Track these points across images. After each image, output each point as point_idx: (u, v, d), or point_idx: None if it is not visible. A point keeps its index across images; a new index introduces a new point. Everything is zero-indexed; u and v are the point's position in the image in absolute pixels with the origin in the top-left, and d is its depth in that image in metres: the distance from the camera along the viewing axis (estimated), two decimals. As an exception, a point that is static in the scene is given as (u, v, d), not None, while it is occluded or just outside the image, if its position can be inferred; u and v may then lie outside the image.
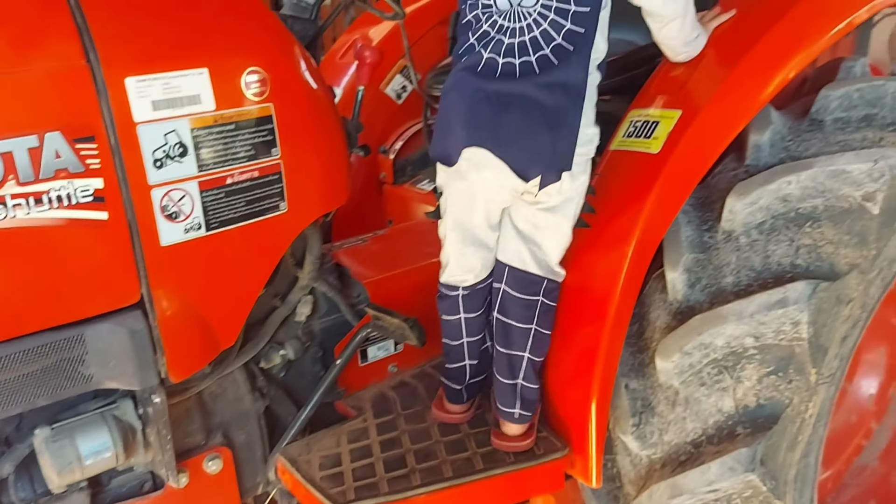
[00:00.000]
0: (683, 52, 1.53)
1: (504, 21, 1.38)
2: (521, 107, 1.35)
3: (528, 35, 1.36)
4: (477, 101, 1.36)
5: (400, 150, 2.43)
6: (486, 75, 1.36)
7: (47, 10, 1.14)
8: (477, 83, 1.36)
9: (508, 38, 1.37)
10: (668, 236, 1.47)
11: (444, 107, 1.42)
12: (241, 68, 1.27)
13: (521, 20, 1.37)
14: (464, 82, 1.38)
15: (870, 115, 1.53)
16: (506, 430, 1.53)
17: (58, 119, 1.11)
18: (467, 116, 1.37)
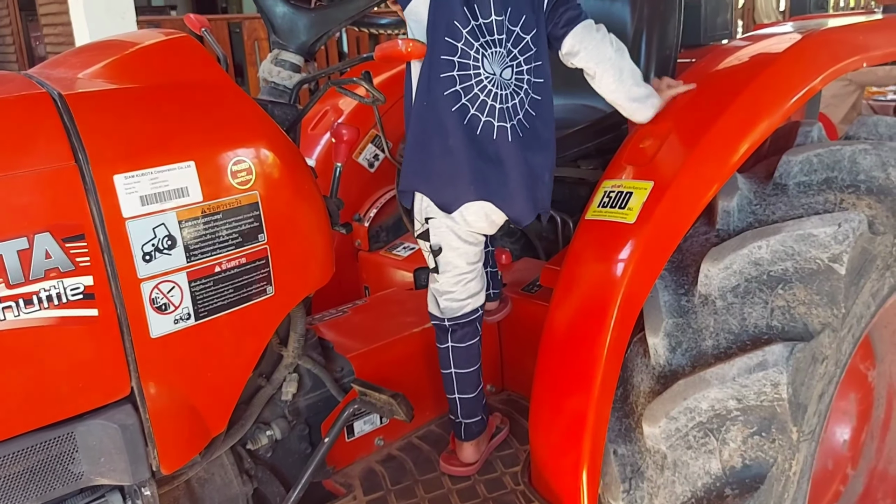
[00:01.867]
0: (632, 108, 1.65)
1: (492, 87, 1.58)
2: (516, 166, 1.60)
3: (509, 102, 1.60)
4: (482, 162, 1.59)
5: (374, 218, 2.46)
6: (485, 139, 1.58)
7: (35, 112, 1.15)
8: (478, 146, 1.58)
9: (499, 104, 1.59)
10: (647, 302, 1.51)
11: (443, 164, 1.60)
12: (228, 159, 1.30)
13: (504, 88, 1.59)
14: (464, 144, 1.57)
15: (829, 178, 1.60)
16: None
17: (47, 220, 1.12)
18: (473, 175, 1.59)
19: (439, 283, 1.73)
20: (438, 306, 1.75)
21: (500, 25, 1.59)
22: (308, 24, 1.62)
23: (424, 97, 1.60)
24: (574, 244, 1.59)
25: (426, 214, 1.69)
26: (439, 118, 1.59)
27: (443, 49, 1.57)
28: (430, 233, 1.70)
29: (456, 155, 1.59)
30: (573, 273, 1.56)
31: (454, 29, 1.56)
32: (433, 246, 1.70)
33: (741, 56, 1.71)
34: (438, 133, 1.60)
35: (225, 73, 1.43)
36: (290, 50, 1.62)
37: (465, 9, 1.56)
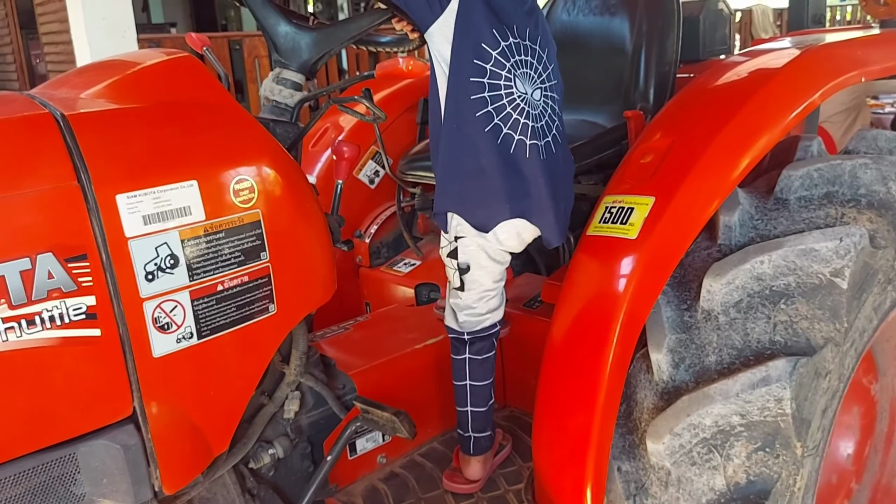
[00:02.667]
0: None
1: (525, 105, 1.60)
2: (548, 184, 1.64)
3: (540, 121, 1.64)
4: (517, 180, 1.61)
5: (375, 234, 2.46)
6: (518, 157, 1.60)
7: (38, 132, 1.15)
8: (512, 165, 1.60)
9: (532, 123, 1.62)
10: (650, 318, 1.51)
11: (478, 184, 1.61)
12: (230, 178, 1.30)
13: (534, 108, 1.63)
14: (498, 163, 1.59)
15: (830, 192, 1.61)
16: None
17: (50, 240, 1.12)
18: (508, 194, 1.61)
19: (462, 300, 1.74)
20: (457, 320, 1.76)
21: (525, 47, 1.62)
22: (310, 44, 1.62)
23: (454, 120, 1.60)
24: (575, 260, 1.59)
25: (456, 234, 1.69)
26: (471, 139, 1.59)
27: (472, 71, 1.57)
28: (458, 251, 1.70)
29: (490, 174, 1.60)
30: (575, 289, 1.56)
31: (482, 51, 1.56)
32: (461, 264, 1.71)
33: (740, 71, 1.72)
34: (471, 154, 1.60)
35: (226, 91, 1.44)
36: (291, 68, 1.63)
37: (494, 31, 1.57)
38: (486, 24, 1.56)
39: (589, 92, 2.28)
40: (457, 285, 1.73)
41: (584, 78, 2.27)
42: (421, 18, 1.59)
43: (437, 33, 1.59)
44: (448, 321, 1.79)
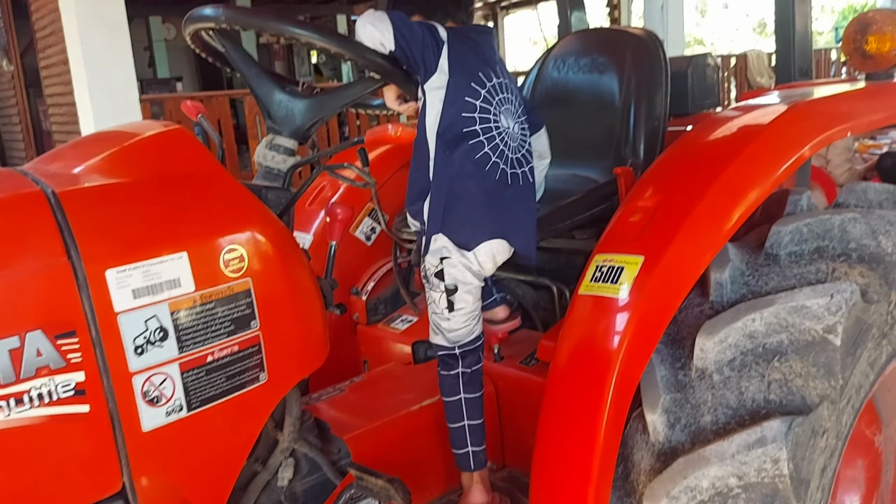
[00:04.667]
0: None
1: (509, 139, 1.76)
2: (527, 207, 1.80)
3: (519, 152, 1.79)
4: (498, 203, 1.74)
5: (372, 291, 2.46)
6: (501, 184, 1.74)
7: (29, 211, 1.17)
8: (497, 190, 1.73)
9: (513, 154, 1.77)
10: (644, 377, 1.50)
11: (464, 206, 1.73)
12: (220, 248, 1.31)
13: (514, 140, 1.79)
14: (484, 188, 1.72)
15: (820, 247, 1.61)
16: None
17: (39, 317, 1.12)
18: (492, 215, 1.74)
19: (451, 322, 1.80)
20: (446, 338, 1.82)
21: (505, 85, 1.80)
22: (303, 110, 1.65)
23: (446, 149, 1.72)
24: (568, 319, 1.59)
25: (441, 255, 1.77)
26: (462, 166, 1.72)
27: (465, 107, 1.72)
28: (444, 272, 1.77)
29: (476, 198, 1.73)
30: (568, 349, 1.56)
31: (473, 90, 1.73)
32: (448, 286, 1.77)
33: (728, 128, 1.74)
34: (461, 179, 1.72)
35: (218, 162, 1.46)
36: (284, 134, 1.65)
37: (481, 73, 1.75)
38: (474, 68, 1.74)
39: (580, 146, 2.30)
40: (444, 306, 1.79)
41: (575, 132, 2.30)
42: (420, 77, 1.71)
43: (433, 85, 1.72)
44: (435, 340, 1.84)
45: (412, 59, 1.68)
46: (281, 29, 1.58)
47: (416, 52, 1.67)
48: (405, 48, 1.65)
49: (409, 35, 1.66)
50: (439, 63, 1.70)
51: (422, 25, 1.69)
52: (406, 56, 1.67)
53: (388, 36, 1.64)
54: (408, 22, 1.67)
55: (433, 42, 1.70)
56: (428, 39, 1.69)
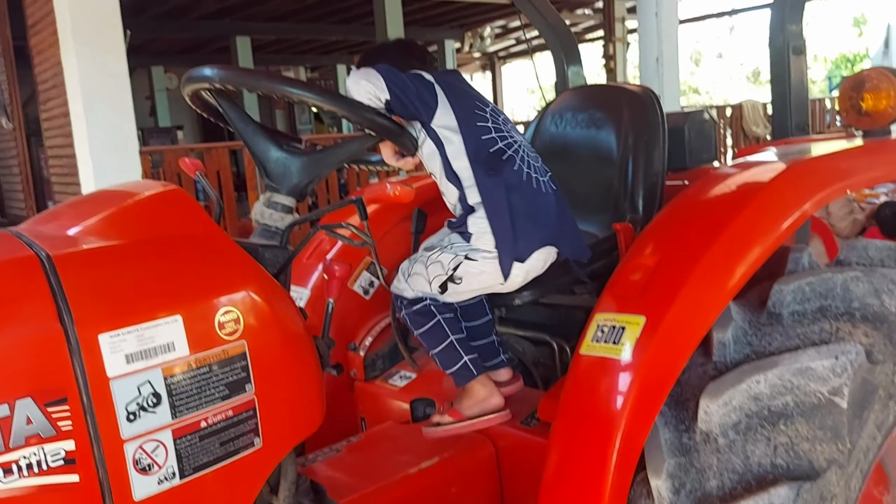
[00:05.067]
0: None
1: (526, 149, 1.84)
2: (564, 211, 1.85)
3: (539, 161, 1.86)
4: (546, 210, 1.80)
5: (370, 346, 2.43)
6: (539, 191, 1.80)
7: (22, 276, 1.15)
8: (541, 198, 1.79)
9: (536, 163, 1.83)
10: (648, 440, 1.47)
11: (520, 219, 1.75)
12: (215, 310, 1.29)
13: (531, 151, 1.87)
14: (532, 197, 1.78)
15: (823, 306, 1.59)
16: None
17: (30, 384, 1.10)
18: (541, 223, 1.79)
19: (431, 294, 1.84)
20: (413, 291, 1.86)
21: (499, 111, 1.89)
22: (300, 168, 1.65)
23: (487, 171, 1.76)
24: (570, 380, 1.56)
25: (469, 255, 1.78)
26: (508, 182, 1.76)
27: (482, 131, 1.78)
28: (461, 266, 1.78)
29: (525, 207, 1.77)
30: (570, 411, 1.53)
31: (479, 115, 1.80)
32: (456, 277, 1.79)
33: (727, 185, 1.74)
34: (507, 193, 1.76)
35: (214, 222, 1.45)
36: (282, 192, 1.65)
37: (477, 101, 1.84)
38: (468, 97, 1.83)
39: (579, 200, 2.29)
40: (437, 284, 1.81)
41: (574, 187, 2.29)
42: (423, 118, 1.76)
43: (439, 121, 1.76)
44: (409, 294, 1.86)
45: (410, 104, 1.72)
46: (275, 88, 1.59)
47: (412, 96, 1.72)
48: (400, 95, 1.69)
49: (401, 82, 1.70)
50: (438, 99, 1.76)
51: (406, 73, 1.75)
52: (403, 102, 1.70)
53: (380, 85, 1.67)
54: (395, 70, 1.71)
55: (423, 84, 1.76)
56: (417, 83, 1.74)
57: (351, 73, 1.71)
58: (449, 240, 1.83)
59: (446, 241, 1.83)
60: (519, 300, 1.91)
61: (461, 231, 1.80)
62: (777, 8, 2.22)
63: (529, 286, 1.88)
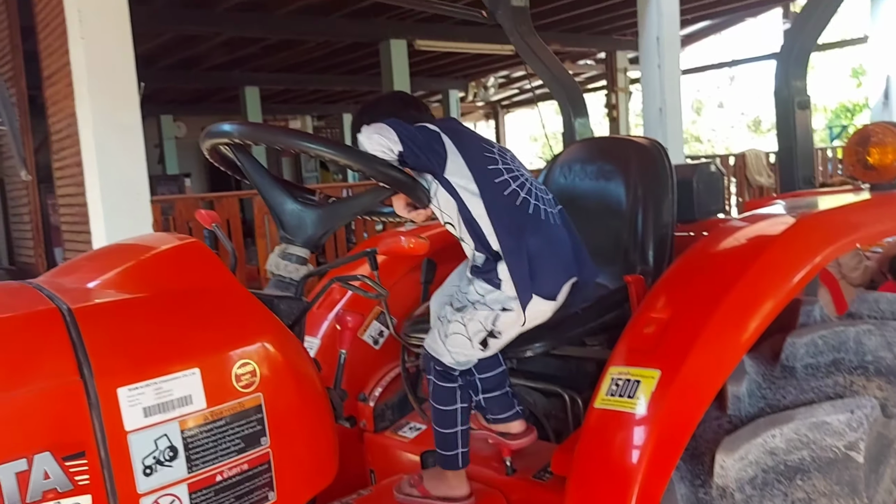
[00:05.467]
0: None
1: (534, 184, 1.85)
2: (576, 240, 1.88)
3: (548, 194, 1.88)
4: (563, 243, 1.83)
5: (379, 396, 2.42)
6: (554, 225, 1.83)
7: (44, 329, 1.16)
8: (555, 232, 1.83)
9: (545, 196, 1.86)
10: (664, 496, 1.45)
11: (542, 258, 1.77)
12: (232, 362, 1.30)
13: (538, 183, 1.89)
14: (549, 235, 1.81)
15: (837, 359, 1.60)
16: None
17: (48, 438, 1.10)
18: (562, 257, 1.81)
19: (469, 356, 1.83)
20: (453, 358, 1.83)
21: (505, 150, 1.90)
22: (315, 220, 1.67)
23: (504, 216, 1.77)
24: (585, 434, 1.56)
25: (504, 306, 1.77)
26: (524, 224, 1.78)
27: (494, 174, 1.79)
28: (499, 319, 1.78)
29: (546, 245, 1.79)
30: (586, 465, 1.52)
31: (488, 158, 1.82)
32: (496, 331, 1.79)
33: (739, 238, 1.75)
34: (530, 234, 1.77)
35: (231, 274, 1.46)
36: (297, 244, 1.67)
37: (480, 143, 1.87)
38: (474, 140, 1.85)
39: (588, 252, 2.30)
40: (478, 341, 1.80)
41: (583, 238, 2.29)
42: (436, 169, 1.77)
43: (452, 169, 1.78)
44: (447, 359, 1.84)
45: (422, 155, 1.74)
46: (293, 143, 1.63)
47: (424, 146, 1.74)
48: (412, 146, 1.71)
49: (411, 134, 1.73)
50: (447, 148, 1.77)
51: (414, 126, 1.78)
52: (415, 153, 1.72)
53: (393, 138, 1.70)
54: (404, 124, 1.75)
55: (430, 135, 1.78)
56: (426, 133, 1.77)
57: (363, 129, 1.73)
58: (475, 290, 1.81)
59: (472, 291, 1.82)
60: (531, 351, 1.91)
61: (488, 278, 1.79)
62: (781, 63, 2.27)
63: (541, 337, 1.89)
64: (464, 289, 1.85)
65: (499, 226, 1.77)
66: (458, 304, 1.84)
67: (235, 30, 9.09)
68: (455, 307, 1.84)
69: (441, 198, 1.81)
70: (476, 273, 1.83)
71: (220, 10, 8.40)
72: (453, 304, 1.86)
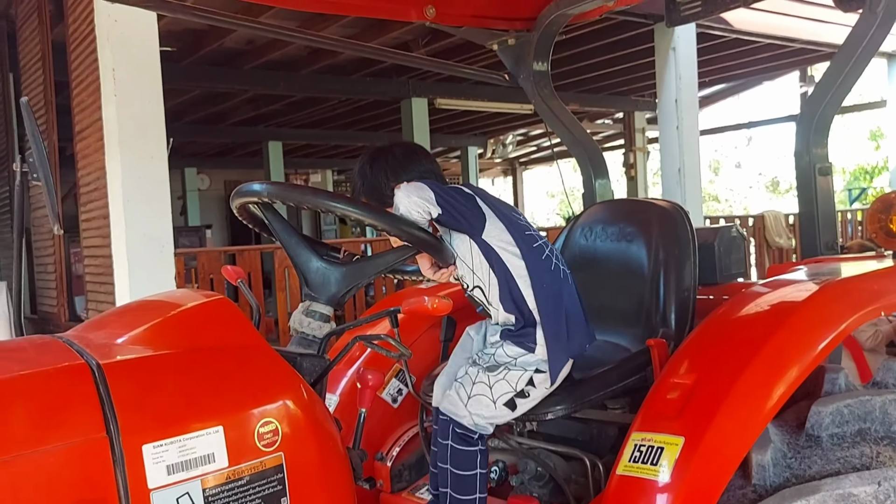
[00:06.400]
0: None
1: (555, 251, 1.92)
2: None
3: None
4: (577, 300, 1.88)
5: (397, 456, 2.40)
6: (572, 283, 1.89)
7: (73, 384, 1.18)
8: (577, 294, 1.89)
9: (560, 253, 1.93)
10: (686, 568, 1.43)
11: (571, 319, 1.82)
12: (255, 421, 1.30)
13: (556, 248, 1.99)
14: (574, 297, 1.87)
15: (862, 429, 1.58)
16: None
17: (72, 495, 1.11)
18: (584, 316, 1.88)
19: (499, 416, 1.82)
20: (473, 421, 1.82)
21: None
22: (339, 278, 1.69)
23: (544, 279, 1.82)
24: (606, 501, 1.54)
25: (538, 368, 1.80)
26: (560, 289, 1.84)
27: (530, 239, 1.85)
28: (530, 381, 1.80)
29: (575, 308, 1.85)
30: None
31: (524, 224, 1.88)
32: (526, 392, 1.80)
33: (762, 304, 1.75)
34: (565, 298, 1.83)
35: (257, 332, 1.48)
36: (320, 301, 1.68)
37: (510, 208, 1.91)
38: (505, 206, 1.91)
39: (609, 313, 2.30)
40: (503, 403, 1.80)
41: (605, 299, 2.31)
42: (474, 231, 1.82)
43: (490, 232, 1.82)
44: (468, 421, 1.82)
45: (462, 218, 1.77)
46: (320, 203, 1.65)
47: (462, 208, 1.77)
48: (451, 209, 1.74)
49: (450, 196, 1.76)
50: (484, 211, 1.81)
51: (449, 187, 1.81)
52: (454, 217, 1.76)
53: (431, 199, 1.72)
54: (442, 185, 1.78)
55: (466, 197, 1.81)
56: (463, 195, 1.80)
57: (402, 187, 1.76)
58: (505, 352, 1.82)
59: (501, 354, 1.82)
60: (552, 414, 1.89)
61: (521, 341, 1.81)
62: (801, 129, 2.29)
63: (562, 400, 1.88)
64: (489, 350, 1.85)
65: (538, 289, 1.81)
66: (486, 365, 1.83)
67: (261, 87, 9.31)
68: (482, 367, 1.84)
69: (474, 260, 1.82)
70: (507, 336, 1.84)
71: (248, 69, 8.62)
72: (479, 365, 1.85)
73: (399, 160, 1.90)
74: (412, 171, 1.88)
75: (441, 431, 1.89)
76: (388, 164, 1.90)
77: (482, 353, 1.88)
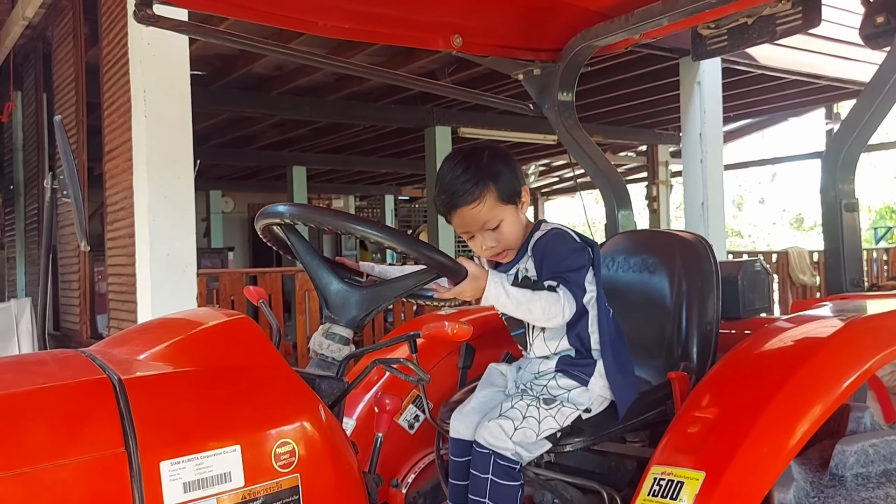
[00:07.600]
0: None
1: None
2: None
3: None
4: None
5: (412, 483, 2.38)
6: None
7: (94, 399, 1.19)
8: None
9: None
10: None
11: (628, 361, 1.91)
12: (273, 441, 1.30)
13: None
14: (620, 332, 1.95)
15: (888, 469, 1.55)
16: None
17: (89, 510, 1.11)
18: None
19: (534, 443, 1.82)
20: (517, 451, 1.81)
21: None
22: (360, 301, 1.69)
23: (607, 313, 1.90)
24: (623, 536, 1.51)
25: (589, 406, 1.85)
26: (619, 333, 1.92)
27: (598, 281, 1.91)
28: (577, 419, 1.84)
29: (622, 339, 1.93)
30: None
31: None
32: (573, 426, 1.84)
33: (786, 339, 1.73)
34: (624, 341, 1.93)
35: (277, 352, 1.48)
36: (340, 323, 1.69)
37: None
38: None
39: (631, 345, 2.27)
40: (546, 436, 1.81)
41: (626, 330, 2.28)
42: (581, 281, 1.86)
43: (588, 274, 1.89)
44: (506, 451, 1.80)
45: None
46: (342, 226, 1.65)
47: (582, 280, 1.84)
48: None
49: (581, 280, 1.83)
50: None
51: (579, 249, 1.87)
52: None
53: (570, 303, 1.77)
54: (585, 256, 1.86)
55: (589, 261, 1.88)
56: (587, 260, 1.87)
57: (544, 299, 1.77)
58: (558, 384, 1.85)
59: (554, 385, 1.86)
60: (570, 446, 1.87)
61: (576, 373, 1.85)
62: (827, 166, 2.27)
63: (581, 432, 1.86)
64: (541, 381, 1.86)
65: (603, 322, 1.87)
66: (542, 397, 1.84)
67: (287, 112, 9.42)
68: (535, 398, 1.84)
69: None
70: (563, 366, 1.86)
71: (275, 94, 8.74)
72: (532, 396, 1.85)
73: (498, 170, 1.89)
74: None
75: (479, 465, 1.84)
76: (516, 165, 1.96)
77: (533, 385, 1.89)
